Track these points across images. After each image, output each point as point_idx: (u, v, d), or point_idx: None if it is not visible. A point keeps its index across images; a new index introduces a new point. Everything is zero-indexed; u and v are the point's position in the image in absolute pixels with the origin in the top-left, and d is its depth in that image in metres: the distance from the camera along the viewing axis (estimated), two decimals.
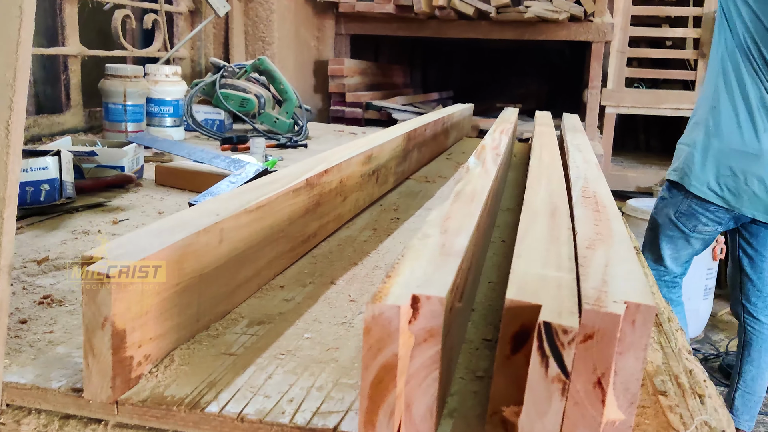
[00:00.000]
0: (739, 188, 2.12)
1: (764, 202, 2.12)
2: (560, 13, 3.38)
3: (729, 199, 2.14)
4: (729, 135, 2.14)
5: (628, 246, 0.70)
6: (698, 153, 2.18)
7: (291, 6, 3.41)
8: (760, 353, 2.31)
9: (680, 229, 2.27)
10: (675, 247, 2.32)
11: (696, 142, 2.20)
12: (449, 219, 0.78)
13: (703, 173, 2.17)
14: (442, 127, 2.24)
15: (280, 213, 0.91)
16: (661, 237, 2.34)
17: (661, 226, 2.34)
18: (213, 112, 2.37)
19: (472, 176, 1.07)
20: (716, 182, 2.15)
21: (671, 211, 2.28)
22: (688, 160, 2.21)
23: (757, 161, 2.10)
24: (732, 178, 2.13)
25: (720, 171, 2.14)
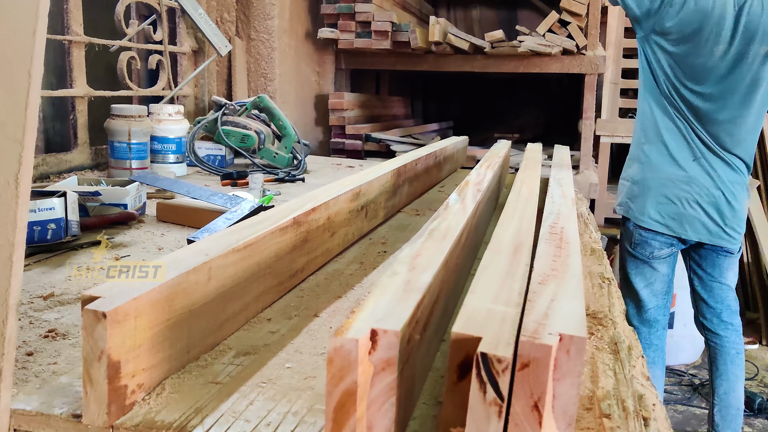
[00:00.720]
0: (679, 213, 2.25)
1: (704, 224, 2.25)
2: (553, 47, 3.48)
3: (672, 226, 2.27)
4: (660, 165, 2.28)
5: (578, 281, 0.77)
6: (636, 186, 2.33)
7: (292, 43, 3.52)
8: (726, 366, 2.41)
9: (640, 258, 2.37)
10: (644, 276, 2.40)
11: (633, 177, 2.36)
12: (419, 256, 0.85)
13: (643, 205, 2.30)
14: (435, 160, 2.32)
15: (267, 251, 0.99)
16: (629, 270, 2.44)
17: (626, 260, 2.44)
18: (215, 148, 2.46)
19: (449, 213, 1.14)
20: (657, 211, 2.27)
21: (627, 243, 2.41)
22: (628, 193, 2.36)
23: (688, 185, 2.25)
24: (670, 206, 2.26)
25: (658, 200, 2.27)
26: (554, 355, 0.59)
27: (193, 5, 2.68)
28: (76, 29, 2.22)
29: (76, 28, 2.22)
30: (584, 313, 0.66)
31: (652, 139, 2.32)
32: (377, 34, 3.60)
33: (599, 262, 1.45)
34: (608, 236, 3.92)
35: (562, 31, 3.50)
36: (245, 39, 3.30)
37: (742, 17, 2.14)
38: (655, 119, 2.31)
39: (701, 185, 2.24)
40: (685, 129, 2.26)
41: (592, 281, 1.28)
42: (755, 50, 2.15)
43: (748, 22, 2.13)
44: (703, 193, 2.24)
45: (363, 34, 3.63)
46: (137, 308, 0.69)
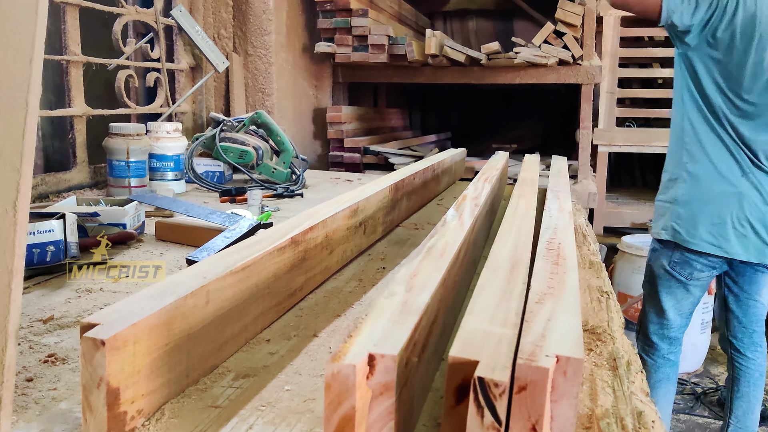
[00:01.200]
0: (730, 234, 2.14)
1: (753, 242, 2.15)
2: (549, 58, 3.49)
3: (725, 247, 2.15)
4: (709, 184, 2.17)
5: (575, 299, 0.77)
6: (683, 208, 2.20)
7: (289, 58, 3.54)
8: (749, 388, 2.34)
9: (677, 279, 2.26)
10: (675, 297, 2.31)
11: (677, 198, 2.23)
12: (416, 276, 0.85)
13: (694, 227, 2.17)
14: (432, 174, 2.32)
15: (265, 271, 0.99)
16: (660, 289, 2.33)
17: (658, 277, 2.33)
18: (213, 165, 2.47)
19: (447, 230, 1.15)
20: (709, 233, 2.15)
21: (665, 261, 2.28)
22: (675, 216, 2.22)
23: (739, 202, 2.14)
24: (722, 226, 2.14)
25: (711, 220, 2.15)
26: (551, 377, 0.60)
27: (190, 23, 2.69)
28: (73, 49, 2.23)
29: (74, 48, 2.23)
30: (581, 332, 0.67)
31: (698, 158, 2.20)
32: (374, 47, 3.62)
33: (598, 275, 1.45)
34: (608, 245, 3.93)
35: (558, 42, 3.51)
36: (243, 54, 3.31)
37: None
38: (699, 136, 2.19)
39: (751, 201, 2.14)
40: (731, 143, 2.16)
41: (591, 295, 1.28)
42: None
43: None
44: (754, 209, 2.14)
45: (360, 48, 3.65)
46: (136, 334, 0.69)
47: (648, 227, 3.93)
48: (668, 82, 4.15)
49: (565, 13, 3.43)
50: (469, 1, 5.76)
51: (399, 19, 4.53)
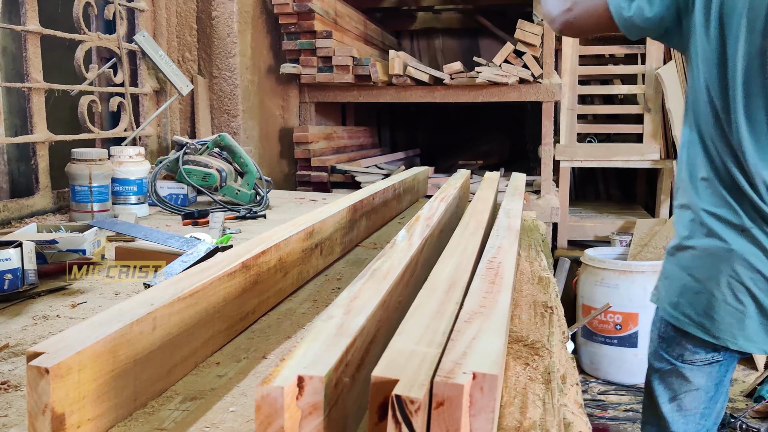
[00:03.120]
0: (719, 309, 1.45)
1: (761, 323, 1.43)
2: (509, 77, 3.58)
3: (707, 325, 1.47)
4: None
5: (502, 319, 0.82)
6: (669, 264, 1.57)
7: (255, 80, 3.58)
8: None
9: (667, 360, 1.59)
10: (670, 388, 1.61)
11: (669, 247, 1.59)
12: (356, 298, 0.90)
13: (677, 294, 1.53)
14: (394, 193, 2.37)
15: (214, 296, 1.02)
16: (652, 377, 1.66)
17: (648, 358, 1.68)
18: (177, 187, 2.49)
19: (394, 251, 1.19)
20: (690, 305, 1.50)
21: (655, 335, 1.64)
22: (662, 274, 1.60)
23: (732, 263, 1.44)
24: (703, 296, 1.47)
25: (693, 288, 1.49)
26: (468, 393, 0.64)
27: (153, 47, 2.73)
28: (35, 76, 2.25)
29: (36, 75, 2.25)
30: (502, 350, 0.71)
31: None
32: (339, 68, 3.68)
33: (545, 290, 1.50)
34: (572, 258, 4.01)
35: (518, 61, 3.60)
36: (208, 77, 3.35)
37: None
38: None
39: (751, 260, 1.44)
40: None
41: (535, 310, 1.33)
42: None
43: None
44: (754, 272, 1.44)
45: (325, 69, 3.71)
46: (80, 362, 0.72)
47: (611, 240, 4.03)
48: (628, 98, 4.27)
49: (524, 33, 3.52)
50: (435, 20, 5.87)
51: (365, 40, 4.60)
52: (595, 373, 3.68)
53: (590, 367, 3.71)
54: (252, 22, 3.53)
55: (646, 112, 3.97)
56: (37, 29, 2.24)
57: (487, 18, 5.56)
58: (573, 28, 1.67)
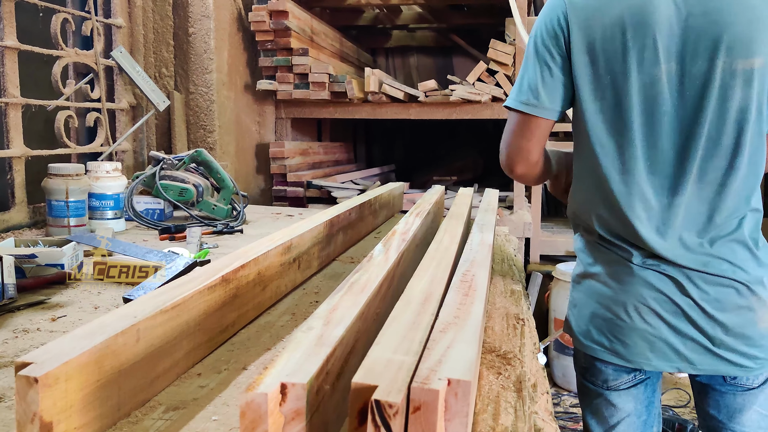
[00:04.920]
0: (628, 332, 1.41)
1: (670, 345, 1.38)
2: (482, 95, 3.65)
3: (620, 351, 1.42)
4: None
5: (475, 328, 0.86)
6: (576, 290, 1.54)
7: (231, 95, 3.60)
8: None
9: (593, 391, 1.54)
10: (603, 421, 1.55)
11: (575, 273, 1.55)
12: (335, 310, 0.93)
13: (584, 321, 1.48)
14: (370, 208, 2.41)
15: (195, 309, 1.05)
16: (585, 414, 1.60)
17: (578, 390, 1.62)
18: (154, 202, 2.50)
19: (372, 265, 1.23)
20: (599, 330, 1.45)
21: (577, 369, 1.59)
22: (571, 304, 1.56)
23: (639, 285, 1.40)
24: (614, 322, 1.42)
25: (600, 312, 1.44)
26: (444, 398, 0.68)
27: (130, 63, 2.74)
28: (12, 91, 2.25)
29: (13, 90, 2.26)
30: (475, 357, 0.75)
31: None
32: (315, 85, 3.72)
33: (517, 303, 1.54)
34: (544, 273, 4.07)
35: (491, 80, 3.68)
36: (184, 92, 3.36)
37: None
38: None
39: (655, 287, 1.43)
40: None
41: (507, 322, 1.37)
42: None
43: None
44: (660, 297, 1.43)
45: (301, 86, 3.74)
46: (67, 372, 0.75)
47: None
48: None
49: (496, 52, 3.60)
50: (410, 38, 5.95)
51: (341, 57, 4.65)
52: (567, 386, 3.73)
53: (563, 380, 3.76)
54: (229, 38, 3.56)
55: None
56: (14, 45, 2.25)
57: (461, 37, 5.65)
58: (527, 167, 1.49)
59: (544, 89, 1.40)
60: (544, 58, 1.39)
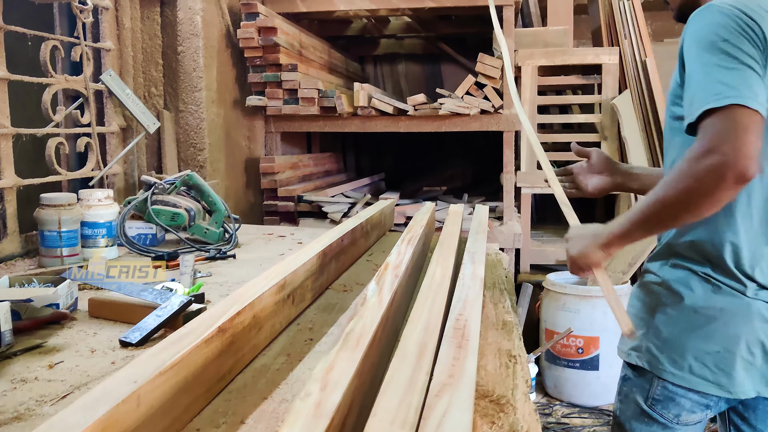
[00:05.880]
0: (736, 365, 1.45)
1: (762, 373, 1.47)
2: (471, 108, 3.67)
3: (726, 385, 1.46)
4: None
5: (470, 390, 0.88)
6: (665, 325, 1.52)
7: (221, 112, 3.61)
8: None
9: (658, 422, 1.55)
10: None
11: (657, 307, 1.54)
12: (332, 370, 0.94)
13: (681, 355, 1.49)
14: (361, 231, 2.43)
15: (193, 364, 1.06)
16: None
17: (631, 420, 1.61)
18: (146, 227, 2.51)
19: (366, 309, 1.25)
20: (702, 364, 1.46)
21: (640, 396, 1.57)
22: (653, 335, 1.54)
23: (750, 319, 1.45)
24: (722, 355, 1.46)
25: (705, 346, 1.46)
26: None
27: (120, 86, 2.75)
28: (2, 121, 2.26)
29: (3, 120, 2.26)
30: (470, 423, 0.77)
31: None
32: (304, 100, 3.73)
33: (509, 336, 1.56)
34: (533, 282, 4.11)
35: (479, 93, 3.71)
36: (174, 111, 3.37)
37: None
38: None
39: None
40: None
41: (500, 360, 1.39)
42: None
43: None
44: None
45: (290, 101, 3.76)
46: None
47: None
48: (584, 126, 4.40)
49: (484, 66, 3.63)
50: (398, 46, 5.97)
51: (329, 69, 4.67)
52: (558, 396, 3.77)
53: (554, 390, 3.80)
54: (218, 56, 3.57)
55: (602, 140, 4.11)
56: (4, 75, 2.25)
57: (449, 45, 5.68)
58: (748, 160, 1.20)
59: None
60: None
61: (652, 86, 4.22)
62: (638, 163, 4.03)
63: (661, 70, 5.49)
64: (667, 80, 1.61)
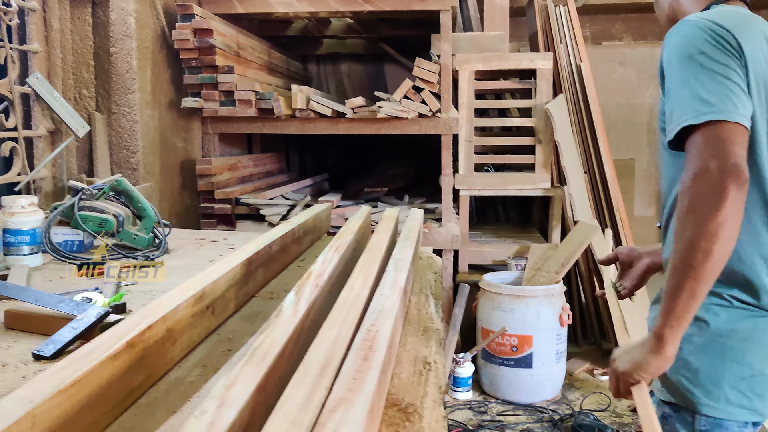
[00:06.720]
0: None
1: None
2: (409, 112, 3.71)
3: (759, 408, 1.44)
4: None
5: (365, 405, 0.90)
6: (694, 356, 1.45)
7: (155, 114, 3.56)
8: None
9: None
10: None
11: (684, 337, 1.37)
12: (232, 387, 0.96)
13: (716, 385, 1.43)
14: (293, 237, 2.43)
15: (98, 381, 1.06)
16: None
17: None
18: (72, 233, 2.46)
19: (279, 322, 1.26)
20: (738, 391, 1.42)
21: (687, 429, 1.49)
22: (683, 368, 1.46)
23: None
24: (756, 379, 1.43)
25: (740, 372, 1.42)
26: None
27: (47, 89, 2.69)
28: None
29: None
30: None
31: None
32: (241, 102, 3.71)
33: (427, 343, 1.59)
34: (471, 282, 4.18)
35: (417, 97, 3.75)
36: (106, 113, 3.31)
37: None
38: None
39: None
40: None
41: (414, 367, 1.42)
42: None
43: None
44: None
45: (227, 103, 3.73)
46: None
47: (507, 264, 4.22)
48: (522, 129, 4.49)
49: (421, 70, 3.67)
50: (341, 46, 5.97)
51: (269, 69, 4.65)
52: (494, 393, 3.85)
53: (490, 388, 3.88)
54: (152, 57, 3.52)
55: (537, 144, 4.20)
56: None
57: (391, 46, 5.71)
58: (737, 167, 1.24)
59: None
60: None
61: (586, 90, 4.34)
62: (571, 164, 4.14)
63: (600, 73, 5.66)
64: (605, 83, 1.68)
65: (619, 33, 6.04)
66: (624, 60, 5.84)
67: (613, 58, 5.86)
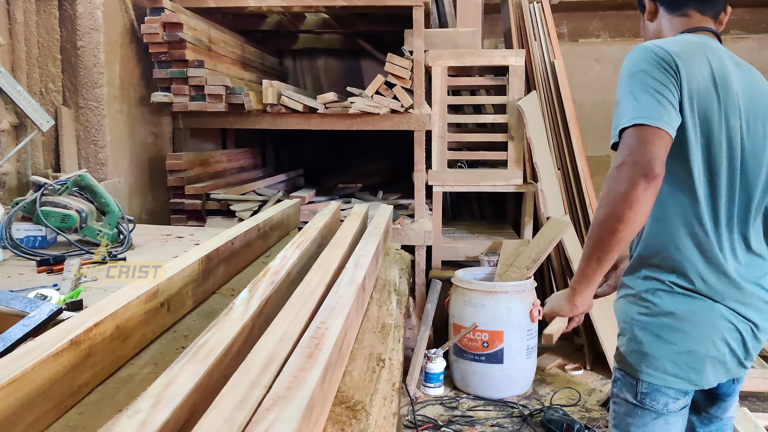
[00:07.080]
0: (705, 364, 1.65)
1: (731, 364, 1.67)
2: (381, 107, 3.71)
3: (694, 380, 1.66)
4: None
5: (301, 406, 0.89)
6: (641, 329, 1.69)
7: (124, 109, 3.53)
8: None
9: (651, 410, 1.71)
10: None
11: (635, 313, 1.71)
12: (171, 385, 0.95)
13: (655, 356, 1.67)
14: (258, 233, 2.42)
15: (39, 379, 1.05)
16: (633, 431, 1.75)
17: (627, 416, 1.75)
18: (34, 229, 2.43)
19: (227, 320, 1.25)
20: (674, 365, 1.65)
21: (629, 394, 1.73)
22: (632, 341, 1.70)
23: (719, 319, 1.65)
24: (692, 355, 1.65)
25: (676, 348, 1.65)
26: None
27: (10, 83, 2.65)
28: None
29: None
30: None
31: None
32: (211, 97, 3.69)
33: (384, 340, 1.60)
34: (444, 278, 4.19)
35: (389, 93, 3.75)
36: (73, 107, 3.27)
37: None
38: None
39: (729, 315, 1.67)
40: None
41: (368, 364, 1.42)
42: None
43: None
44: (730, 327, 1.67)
45: (197, 98, 3.70)
46: None
47: (480, 260, 4.24)
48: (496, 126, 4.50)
49: (393, 66, 3.67)
50: (317, 41, 5.95)
51: (242, 64, 4.62)
52: (465, 389, 3.86)
53: (461, 383, 3.89)
54: (120, 51, 3.48)
55: (510, 140, 4.22)
56: None
57: (367, 41, 5.70)
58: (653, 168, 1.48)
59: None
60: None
61: (560, 87, 4.35)
62: (542, 161, 4.16)
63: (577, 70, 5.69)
64: (582, 80, 1.84)
65: (596, 30, 6.08)
66: (600, 57, 5.87)
67: (590, 55, 5.90)
